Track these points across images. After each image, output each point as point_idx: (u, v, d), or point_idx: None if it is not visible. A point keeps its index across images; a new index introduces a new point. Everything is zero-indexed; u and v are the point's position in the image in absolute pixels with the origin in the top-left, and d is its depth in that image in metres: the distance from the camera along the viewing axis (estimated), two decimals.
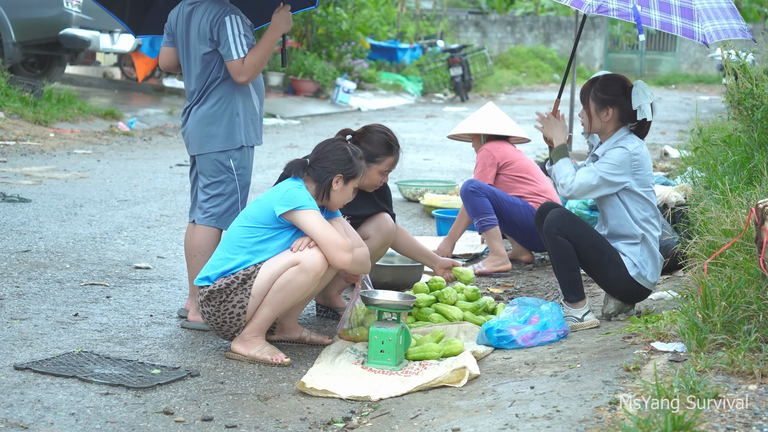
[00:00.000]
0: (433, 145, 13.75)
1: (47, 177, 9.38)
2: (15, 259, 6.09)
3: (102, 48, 14.13)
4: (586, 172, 4.80)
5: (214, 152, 4.94)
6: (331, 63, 20.76)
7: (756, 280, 3.97)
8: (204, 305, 4.52)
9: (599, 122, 4.91)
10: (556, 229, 4.79)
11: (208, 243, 4.98)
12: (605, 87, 4.90)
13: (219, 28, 4.84)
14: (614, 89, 4.89)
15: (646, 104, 4.85)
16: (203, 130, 4.96)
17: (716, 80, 29.45)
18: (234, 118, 4.94)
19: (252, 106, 5.01)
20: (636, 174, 4.81)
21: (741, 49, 7.05)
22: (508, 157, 6.61)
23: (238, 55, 4.83)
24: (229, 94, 4.94)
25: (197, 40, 4.91)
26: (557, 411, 3.44)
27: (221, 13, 4.85)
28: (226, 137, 4.93)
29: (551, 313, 4.69)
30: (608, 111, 4.88)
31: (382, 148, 5.07)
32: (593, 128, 4.95)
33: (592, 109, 4.91)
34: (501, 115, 6.85)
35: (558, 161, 4.90)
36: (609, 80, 4.92)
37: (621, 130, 4.90)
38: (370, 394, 4.16)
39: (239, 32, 4.84)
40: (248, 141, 4.99)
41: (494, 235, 6.41)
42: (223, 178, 4.96)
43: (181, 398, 4.00)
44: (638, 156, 4.81)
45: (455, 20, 33.77)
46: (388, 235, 5.33)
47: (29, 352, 4.43)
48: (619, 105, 4.87)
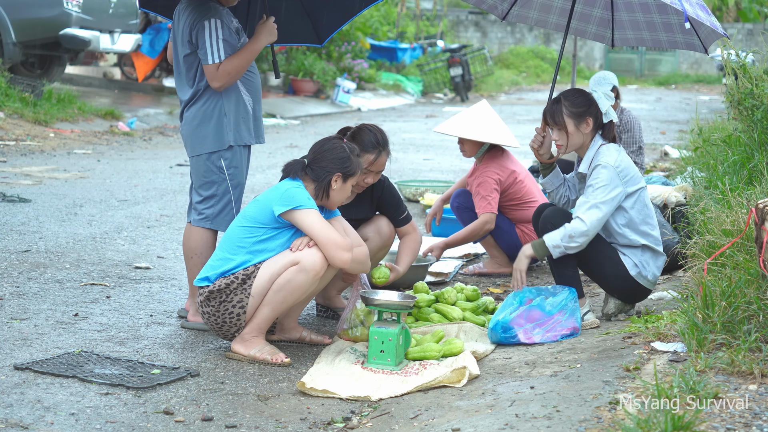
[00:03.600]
0: (433, 145, 13.75)
1: (47, 177, 9.38)
2: (15, 259, 6.09)
3: (102, 48, 14.12)
4: (587, 210, 4.73)
5: (205, 153, 4.94)
6: (331, 63, 20.76)
7: (756, 280, 3.97)
8: (204, 305, 4.52)
9: (580, 136, 4.89)
10: (551, 226, 4.80)
11: (204, 244, 4.98)
12: (575, 100, 4.89)
13: (198, 32, 4.82)
14: (582, 100, 4.90)
15: (609, 107, 4.89)
16: (194, 132, 4.96)
17: (716, 80, 29.47)
18: (222, 119, 4.92)
19: (243, 105, 4.98)
20: (628, 183, 4.82)
21: (741, 49, 7.06)
22: (509, 176, 6.20)
23: (213, 60, 4.81)
24: (216, 94, 4.92)
25: (180, 42, 4.92)
26: (557, 411, 3.44)
27: (202, 16, 4.82)
28: (215, 138, 4.92)
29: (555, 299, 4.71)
30: (587, 121, 4.87)
31: (366, 145, 5.06)
32: (572, 146, 4.92)
33: (571, 126, 4.88)
34: (494, 118, 6.33)
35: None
36: (573, 94, 4.91)
37: (595, 140, 4.90)
38: (370, 394, 4.16)
39: (217, 37, 4.81)
40: (239, 140, 4.96)
41: (490, 243, 6.37)
42: (215, 179, 4.95)
43: (181, 398, 4.00)
44: (621, 166, 4.80)
45: (455, 20, 33.77)
46: (387, 238, 5.33)
47: (29, 352, 4.43)
48: (593, 113, 4.88)
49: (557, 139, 4.93)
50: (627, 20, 5.45)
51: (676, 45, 5.40)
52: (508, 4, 5.58)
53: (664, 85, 30.94)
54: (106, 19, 14.03)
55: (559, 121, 4.89)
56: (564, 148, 4.94)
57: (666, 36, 5.36)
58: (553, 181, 5.11)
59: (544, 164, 5.11)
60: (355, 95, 20.31)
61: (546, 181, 5.12)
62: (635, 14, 5.37)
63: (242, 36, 5.00)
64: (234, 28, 4.94)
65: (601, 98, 4.90)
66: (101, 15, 13.86)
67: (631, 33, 5.52)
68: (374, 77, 22.56)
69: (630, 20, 5.44)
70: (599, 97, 4.90)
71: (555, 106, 4.92)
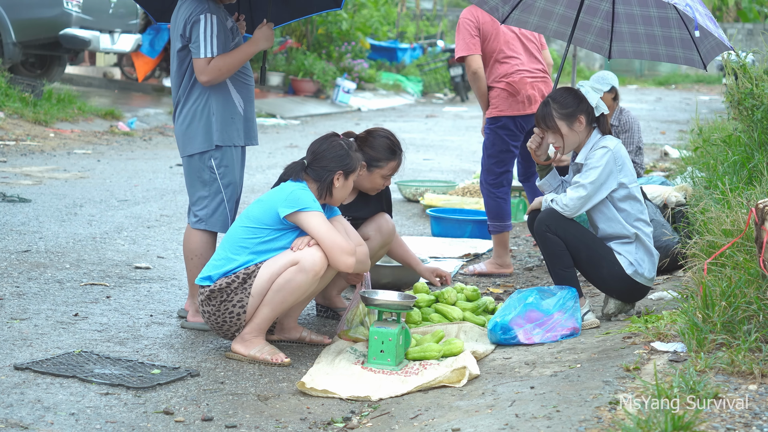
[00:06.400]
0: (433, 145, 13.75)
1: (47, 177, 9.38)
2: (15, 259, 6.09)
3: (102, 48, 14.12)
4: (574, 189, 4.79)
5: (196, 153, 4.94)
6: (331, 63, 20.75)
7: (756, 280, 3.97)
8: (204, 305, 4.52)
9: (576, 136, 4.88)
10: (546, 227, 4.81)
11: (203, 246, 4.98)
12: (563, 101, 4.87)
13: (192, 26, 4.82)
14: (571, 99, 4.88)
15: (599, 100, 4.89)
16: (184, 132, 4.97)
17: (716, 80, 29.44)
18: (210, 118, 4.93)
19: (232, 105, 4.97)
20: (622, 171, 4.82)
21: (741, 49, 7.06)
22: (488, 27, 6.14)
23: (206, 54, 4.81)
24: (205, 93, 4.92)
25: (174, 37, 4.93)
26: (557, 411, 3.44)
27: (198, 11, 4.83)
28: (203, 138, 4.92)
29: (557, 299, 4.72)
30: (580, 119, 4.86)
31: (386, 152, 5.08)
32: (570, 146, 4.91)
33: (564, 128, 4.86)
34: None
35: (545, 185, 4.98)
36: (561, 95, 4.90)
37: (593, 134, 4.91)
38: (370, 394, 4.16)
39: (212, 32, 4.82)
40: (226, 141, 4.94)
41: (503, 241, 6.36)
42: (206, 178, 4.95)
43: (181, 398, 4.00)
44: (620, 152, 4.82)
45: (455, 20, 33.74)
46: (388, 236, 5.33)
47: (29, 352, 4.43)
48: (583, 110, 4.87)
49: (554, 141, 4.92)
50: (627, 32, 5.45)
51: (675, 59, 5.39)
52: (509, 7, 5.57)
53: (664, 85, 30.93)
54: (106, 19, 14.03)
55: (552, 125, 4.88)
56: (562, 149, 4.94)
57: (665, 50, 5.36)
58: (551, 182, 5.11)
59: (540, 165, 5.11)
60: (355, 95, 20.31)
61: (544, 182, 5.12)
62: (636, 26, 5.36)
63: (237, 35, 5.00)
64: (229, 26, 4.95)
65: (589, 92, 4.88)
66: (101, 15, 13.86)
67: (629, 45, 5.52)
68: (374, 77, 22.55)
69: (630, 32, 5.44)
70: (587, 92, 4.88)
71: (545, 110, 4.90)
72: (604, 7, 5.42)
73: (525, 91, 6.17)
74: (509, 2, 5.57)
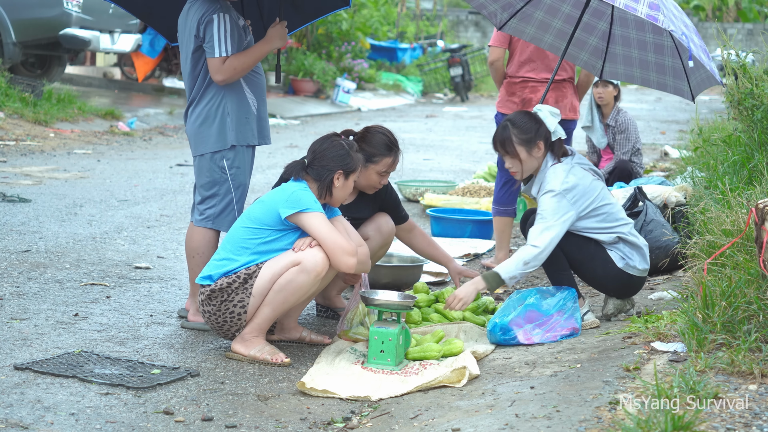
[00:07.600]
0: (433, 145, 13.75)
1: (47, 177, 9.38)
2: (15, 259, 6.09)
3: (102, 48, 14.12)
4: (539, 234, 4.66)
5: (209, 153, 4.94)
6: (331, 63, 20.75)
7: (756, 280, 3.97)
8: (205, 304, 4.52)
9: (534, 161, 4.82)
10: None
11: (206, 244, 4.98)
12: (522, 126, 4.82)
13: (206, 26, 4.83)
14: (530, 125, 4.82)
15: (557, 125, 4.84)
16: (197, 131, 4.96)
17: None
18: (225, 118, 4.93)
19: (246, 105, 4.98)
20: (576, 203, 4.75)
21: (741, 49, 7.06)
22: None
23: (220, 53, 4.82)
24: (219, 93, 4.93)
25: (187, 38, 4.92)
26: (557, 411, 3.44)
27: (211, 11, 4.83)
28: (217, 137, 4.93)
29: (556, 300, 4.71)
30: (539, 145, 4.81)
31: (381, 148, 5.06)
32: (527, 171, 4.85)
33: (523, 153, 4.80)
34: None
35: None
36: (520, 119, 4.85)
37: (546, 160, 4.83)
38: (370, 394, 4.16)
39: (225, 31, 4.82)
40: (241, 140, 4.96)
41: (505, 226, 6.34)
42: (217, 178, 4.95)
43: (181, 398, 4.00)
44: (568, 185, 4.73)
45: (455, 20, 33.75)
46: (388, 236, 5.33)
47: (29, 352, 4.43)
48: (542, 135, 4.81)
49: (510, 166, 4.85)
50: (621, 54, 5.45)
51: (665, 88, 5.39)
52: (507, 14, 5.56)
53: None
54: (106, 19, 14.02)
55: (511, 150, 4.81)
56: (519, 174, 4.87)
57: (656, 77, 5.36)
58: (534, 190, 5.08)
59: None
60: (355, 95, 20.31)
61: (526, 188, 5.05)
62: (630, 49, 5.37)
63: (248, 34, 5.01)
64: (241, 25, 4.95)
65: (547, 117, 4.84)
66: (101, 15, 13.85)
67: (621, 68, 5.52)
68: (374, 77, 22.56)
69: (624, 54, 5.44)
70: (545, 117, 4.84)
71: (504, 134, 4.83)
72: (601, 26, 5.42)
73: (523, 94, 6.21)
74: (508, 10, 5.56)
